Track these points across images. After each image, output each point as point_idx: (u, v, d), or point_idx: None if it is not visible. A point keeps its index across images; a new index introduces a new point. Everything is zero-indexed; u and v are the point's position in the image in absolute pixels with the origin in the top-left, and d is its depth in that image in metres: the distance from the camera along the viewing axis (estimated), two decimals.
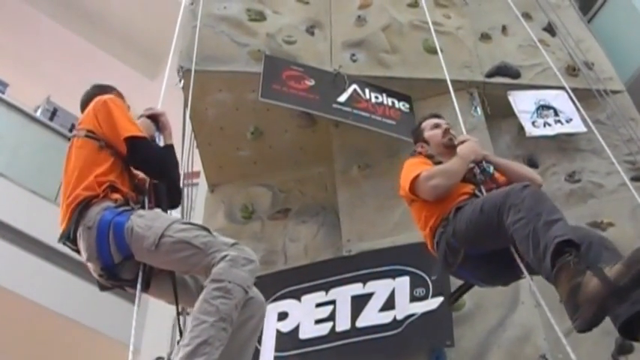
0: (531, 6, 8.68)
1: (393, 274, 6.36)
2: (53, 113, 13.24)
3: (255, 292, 3.87)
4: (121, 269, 3.78)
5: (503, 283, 4.33)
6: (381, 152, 7.18)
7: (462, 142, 4.37)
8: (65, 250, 4.17)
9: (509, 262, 3.64)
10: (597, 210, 6.77)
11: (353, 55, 7.68)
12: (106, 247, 3.72)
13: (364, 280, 6.43)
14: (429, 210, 4.20)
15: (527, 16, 8.35)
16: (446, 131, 4.58)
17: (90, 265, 3.86)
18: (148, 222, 3.74)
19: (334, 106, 7.14)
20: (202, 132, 7.51)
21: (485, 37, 8.32)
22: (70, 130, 12.35)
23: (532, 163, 7.14)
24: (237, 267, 3.60)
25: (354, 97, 7.22)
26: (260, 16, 7.80)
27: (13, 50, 15.26)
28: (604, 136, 6.58)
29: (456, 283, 6.14)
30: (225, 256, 3.60)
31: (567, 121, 7.38)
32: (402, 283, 6.29)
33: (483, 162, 4.30)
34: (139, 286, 3.75)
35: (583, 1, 10.14)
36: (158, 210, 4.10)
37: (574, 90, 7.05)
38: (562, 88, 7.12)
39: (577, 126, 7.33)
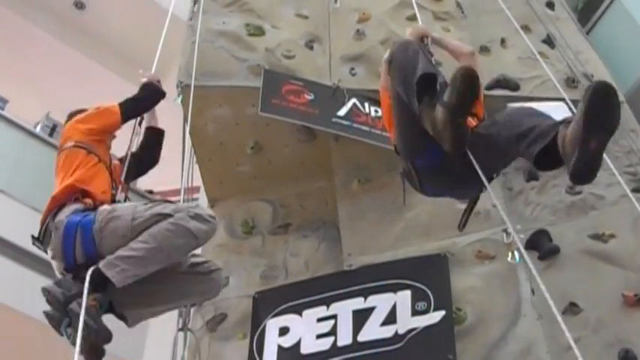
0: (530, 18, 8.68)
1: (395, 288, 6.36)
2: (53, 129, 13.21)
3: (217, 268, 4.42)
4: (83, 270, 3.88)
5: (471, 190, 4.46)
6: (381, 166, 7.18)
7: None
8: None
9: (464, 160, 3.71)
10: (599, 222, 6.75)
11: (352, 69, 7.68)
12: (71, 248, 4.02)
13: (365, 294, 6.43)
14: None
15: (526, 28, 8.32)
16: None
17: (54, 263, 4.19)
18: (113, 214, 4.07)
19: (334, 120, 7.14)
20: (202, 147, 7.51)
21: (484, 49, 8.32)
22: None
23: (532, 176, 7.13)
24: (197, 219, 4.01)
25: (353, 111, 7.22)
26: (259, 31, 7.81)
27: (13, 67, 15.27)
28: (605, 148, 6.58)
29: (456, 295, 6.22)
30: (192, 210, 4.06)
31: None
32: (404, 297, 6.29)
33: (424, 39, 4.82)
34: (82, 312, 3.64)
35: (581, 12, 10.17)
36: (115, 205, 4.39)
37: (574, 101, 7.03)
38: (562, 99, 7.11)
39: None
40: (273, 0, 8.25)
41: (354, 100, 7.30)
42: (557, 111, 7.49)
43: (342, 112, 7.18)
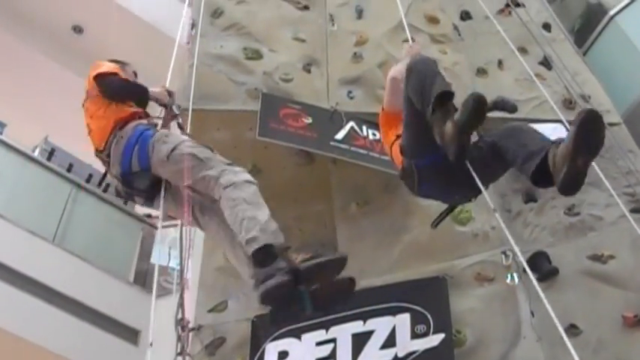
0: (527, 40, 8.71)
1: (394, 311, 6.35)
2: (51, 153, 13.20)
3: None
4: (135, 178, 4.61)
5: (467, 195, 4.68)
6: (380, 189, 7.19)
7: None
8: (65, 291, 4.55)
9: (462, 168, 4.08)
10: (597, 243, 6.75)
11: (350, 92, 7.70)
12: (128, 156, 4.59)
13: (364, 317, 6.41)
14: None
15: (523, 50, 8.36)
16: None
17: (113, 168, 4.73)
18: (165, 138, 4.61)
19: (332, 143, 7.15)
20: None
21: (481, 71, 8.35)
22: (68, 170, 12.37)
23: (530, 197, 7.15)
24: (241, 173, 4.45)
25: (351, 134, 7.24)
26: (257, 55, 7.83)
27: (11, 90, 15.28)
28: (603, 169, 6.57)
29: (455, 317, 6.21)
30: (224, 170, 4.38)
31: None
32: (403, 320, 6.28)
33: None
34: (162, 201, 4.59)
35: (578, 34, 10.21)
36: (175, 132, 5.02)
37: (571, 123, 7.06)
38: (559, 121, 7.13)
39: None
40: (271, 23, 8.27)
41: (352, 123, 7.32)
42: (555, 132, 7.53)
43: (340, 135, 7.19)
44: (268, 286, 3.86)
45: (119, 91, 5.06)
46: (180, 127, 5.47)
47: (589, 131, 3.42)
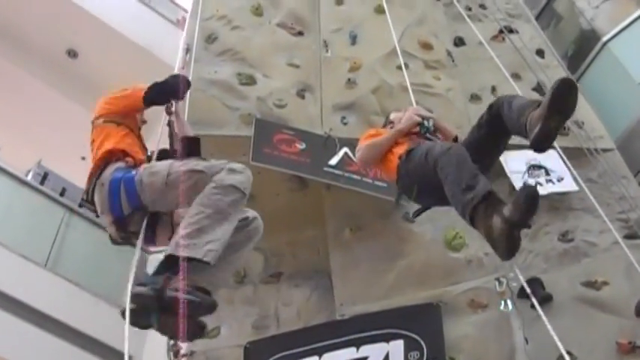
0: (520, 66, 8.75)
1: (387, 338, 6.30)
2: (44, 177, 13.21)
3: (254, 217, 4.64)
4: (130, 221, 4.45)
5: None
6: (373, 215, 7.18)
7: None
8: (57, 315, 4.52)
9: None
10: (591, 269, 6.76)
11: (344, 117, 7.70)
12: (117, 201, 4.41)
13: (358, 344, 6.36)
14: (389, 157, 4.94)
15: (516, 76, 8.39)
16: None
17: (103, 217, 4.54)
18: (151, 170, 4.44)
19: (325, 169, 7.14)
20: None
21: (475, 97, 8.38)
22: (61, 194, 12.35)
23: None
24: (234, 173, 4.30)
25: (345, 160, 7.22)
26: (250, 80, 7.83)
27: (5, 114, 15.29)
28: (596, 195, 6.61)
29: (449, 344, 6.18)
30: (222, 169, 4.29)
31: (559, 181, 7.41)
32: (397, 347, 6.23)
33: (424, 121, 5.11)
34: (141, 235, 4.40)
35: (571, 60, 10.25)
36: (154, 162, 4.76)
37: (565, 149, 7.08)
38: (552, 147, 7.14)
39: (569, 185, 7.36)
40: (265, 49, 8.28)
41: (345, 149, 7.30)
42: (548, 158, 7.57)
43: (333, 161, 7.18)
44: (134, 291, 3.94)
45: (164, 91, 5.15)
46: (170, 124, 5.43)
47: (563, 94, 3.61)
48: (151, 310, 3.95)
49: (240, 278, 7.62)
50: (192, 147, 5.24)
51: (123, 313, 3.99)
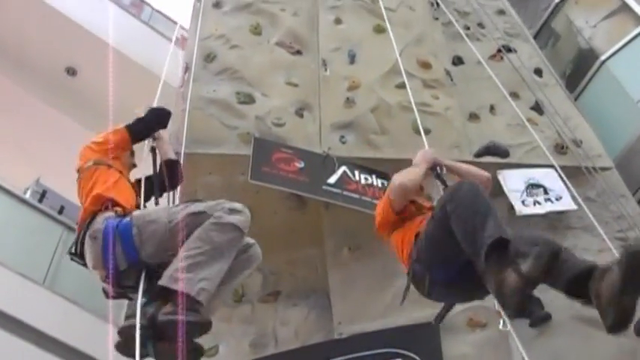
0: (519, 85, 8.78)
1: (386, 357, 6.31)
2: (42, 195, 13.21)
3: (251, 243, 4.64)
4: (125, 276, 4.17)
5: (478, 297, 4.59)
6: (372, 233, 7.09)
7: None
8: (55, 334, 4.46)
9: (474, 280, 3.79)
10: None
11: (342, 136, 7.70)
12: (112, 254, 4.13)
13: None
14: (400, 238, 4.66)
15: (514, 95, 8.43)
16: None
17: (96, 272, 4.28)
18: (148, 218, 4.28)
19: (324, 187, 7.13)
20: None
21: (473, 116, 8.40)
22: (60, 212, 12.33)
23: None
24: (234, 212, 4.30)
25: (343, 179, 7.22)
26: (249, 99, 7.85)
27: (3, 131, 15.29)
28: (595, 214, 6.61)
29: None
30: (222, 208, 4.26)
31: (557, 199, 7.40)
32: None
33: (437, 168, 4.93)
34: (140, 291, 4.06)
35: (569, 79, 10.28)
36: (147, 208, 4.78)
37: (563, 168, 7.10)
38: (551, 166, 7.16)
39: (567, 204, 7.36)
40: (264, 68, 8.30)
41: (344, 168, 7.31)
42: (547, 177, 7.58)
43: (332, 179, 7.18)
44: (125, 324, 3.91)
45: (146, 125, 5.25)
46: (154, 149, 5.53)
47: (636, 268, 3.13)
48: (145, 339, 3.86)
49: (239, 297, 7.60)
50: (173, 171, 5.45)
51: (117, 346, 3.98)
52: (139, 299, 3.97)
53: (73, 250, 4.49)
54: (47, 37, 14.55)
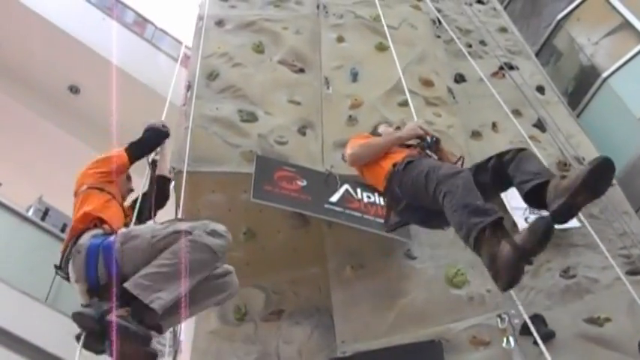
0: (521, 103, 8.78)
1: None
2: (45, 213, 13.24)
3: (229, 270, 4.66)
4: (104, 291, 4.20)
5: (439, 226, 4.81)
6: (375, 252, 7.16)
7: None
8: (57, 352, 4.54)
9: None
10: (594, 306, 6.72)
11: (344, 154, 7.70)
12: (93, 269, 4.27)
13: None
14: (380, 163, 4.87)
15: (517, 112, 8.42)
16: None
17: (77, 286, 4.40)
18: (132, 234, 4.39)
19: (326, 206, 7.11)
20: None
21: (475, 134, 8.40)
22: (62, 230, 12.33)
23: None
24: (215, 235, 4.31)
25: (346, 197, 7.21)
26: (252, 117, 7.86)
27: (6, 150, 15.33)
28: (598, 231, 6.58)
29: None
30: (209, 226, 4.33)
31: None
32: None
33: (427, 138, 5.08)
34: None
35: (571, 96, 10.29)
36: (132, 227, 4.82)
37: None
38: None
39: (570, 221, 7.33)
40: (266, 86, 8.32)
41: (346, 186, 7.29)
42: None
43: (334, 198, 7.16)
44: (77, 310, 4.05)
45: (144, 146, 5.38)
46: (152, 180, 5.62)
47: (600, 175, 3.53)
48: (92, 331, 4.01)
49: (241, 316, 7.59)
50: (163, 188, 5.64)
51: (77, 338, 4.08)
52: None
53: (59, 265, 4.62)
54: (50, 55, 14.62)
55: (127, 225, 4.97)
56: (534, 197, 3.72)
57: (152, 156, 5.84)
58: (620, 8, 10.09)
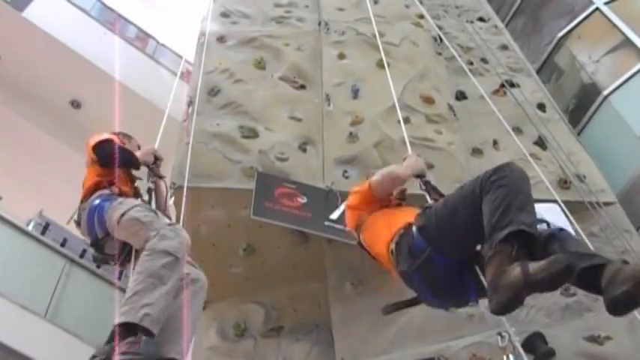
0: (522, 120, 8.78)
1: None
2: (45, 227, 13.22)
3: (198, 273, 4.98)
4: (104, 245, 4.88)
5: (452, 303, 4.56)
6: (374, 269, 7.07)
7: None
8: None
9: (465, 282, 3.91)
10: (594, 324, 6.70)
11: (345, 171, 7.70)
12: (92, 225, 4.84)
13: None
14: (386, 219, 4.65)
15: (517, 130, 8.42)
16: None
17: (86, 239, 5.02)
18: (118, 205, 4.77)
19: (326, 223, 7.12)
20: (194, 249, 7.35)
21: (476, 151, 8.40)
22: (62, 245, 12.32)
23: None
24: (165, 239, 4.44)
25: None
26: (253, 133, 7.87)
27: (7, 164, 15.34)
28: (598, 249, 6.56)
29: None
30: (157, 234, 4.45)
31: None
32: None
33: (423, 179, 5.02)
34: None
35: (572, 114, 10.28)
36: (132, 199, 5.07)
37: (566, 203, 7.06)
38: (554, 201, 7.13)
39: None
40: (267, 102, 8.33)
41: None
42: (550, 212, 7.53)
43: (335, 215, 7.15)
44: None
45: (110, 157, 5.22)
46: (150, 191, 5.56)
47: None
48: None
49: (241, 332, 7.58)
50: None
51: None
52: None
53: (76, 219, 5.12)
54: (52, 70, 14.64)
55: (136, 189, 5.39)
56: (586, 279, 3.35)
57: (149, 184, 5.84)
58: (620, 26, 10.11)
